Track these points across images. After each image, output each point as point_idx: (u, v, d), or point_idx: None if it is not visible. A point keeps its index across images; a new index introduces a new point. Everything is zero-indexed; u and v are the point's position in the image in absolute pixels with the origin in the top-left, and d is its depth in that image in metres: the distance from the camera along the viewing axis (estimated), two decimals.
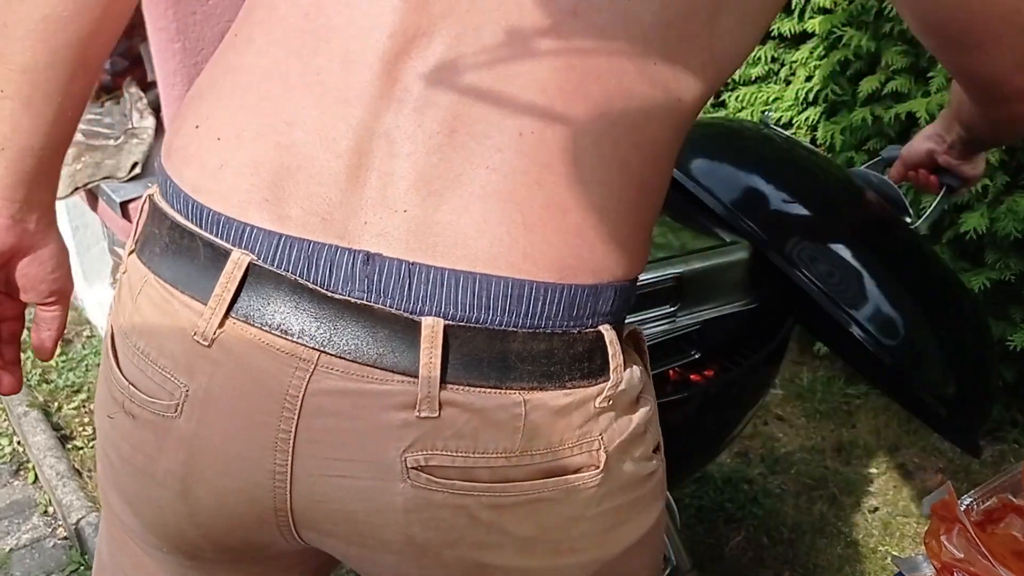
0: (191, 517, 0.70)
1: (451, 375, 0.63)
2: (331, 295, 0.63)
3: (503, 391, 0.64)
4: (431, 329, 0.62)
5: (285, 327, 0.64)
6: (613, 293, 0.67)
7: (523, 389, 0.64)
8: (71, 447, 2.15)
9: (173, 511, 0.71)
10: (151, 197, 0.72)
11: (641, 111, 0.67)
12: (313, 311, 0.64)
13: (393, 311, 0.63)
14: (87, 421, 2.24)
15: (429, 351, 0.62)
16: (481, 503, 0.65)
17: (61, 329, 0.81)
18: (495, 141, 0.64)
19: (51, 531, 1.95)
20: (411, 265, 0.63)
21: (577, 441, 0.66)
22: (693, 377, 1.19)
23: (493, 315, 0.63)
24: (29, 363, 2.36)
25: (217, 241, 0.65)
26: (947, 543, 0.72)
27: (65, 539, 1.94)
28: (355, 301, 0.63)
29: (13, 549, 1.90)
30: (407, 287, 0.63)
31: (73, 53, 0.70)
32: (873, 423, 2.20)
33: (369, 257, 0.63)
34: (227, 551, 0.73)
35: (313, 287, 0.64)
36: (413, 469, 0.64)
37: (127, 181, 1.87)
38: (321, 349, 0.63)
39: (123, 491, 0.74)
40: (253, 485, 0.67)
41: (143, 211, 0.73)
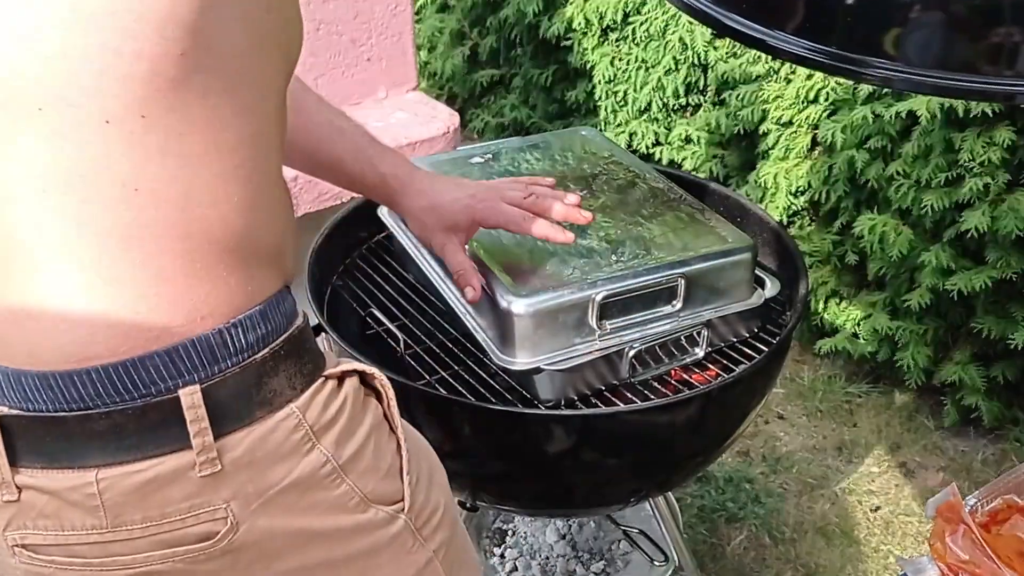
0: None
1: (23, 460, 0.66)
2: None
3: (75, 471, 0.65)
4: None
5: None
6: (192, 349, 0.65)
7: (96, 467, 0.65)
8: None
9: None
10: None
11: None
12: None
13: None
14: None
15: None
16: None
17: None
18: None
19: None
20: None
21: (188, 512, 0.66)
22: (695, 378, 1.19)
23: (38, 404, 0.65)
24: None
25: None
26: (952, 545, 0.72)
27: None
28: None
29: None
30: None
31: None
32: (874, 422, 2.20)
33: None
34: None
35: None
36: (15, 547, 0.68)
37: None
38: None
39: None
40: None
41: None
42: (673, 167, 2.39)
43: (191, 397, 0.65)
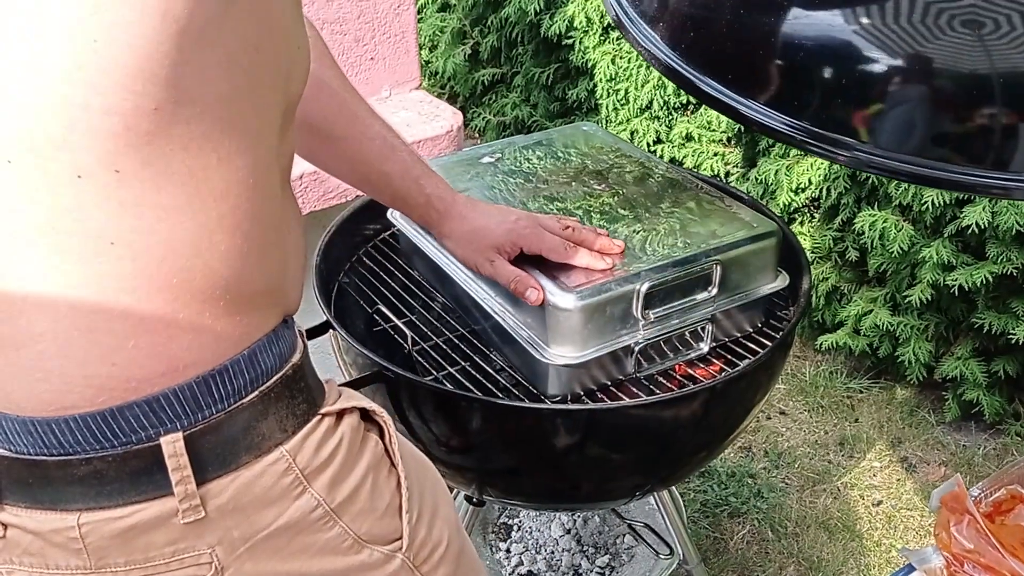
0: None
1: (8, 498, 0.66)
2: None
3: (58, 512, 0.65)
4: None
5: None
6: (173, 398, 0.64)
7: (78, 511, 0.65)
8: None
9: None
10: None
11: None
12: None
13: None
14: None
15: None
16: None
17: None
18: None
19: None
20: None
21: (172, 557, 0.66)
22: (700, 373, 1.20)
23: (19, 446, 0.65)
24: None
25: None
26: (957, 534, 0.73)
27: None
28: None
29: None
30: None
31: None
32: (876, 417, 2.21)
33: None
34: None
35: None
36: None
37: None
38: None
39: None
40: None
41: None
42: (675, 164, 2.40)
43: (173, 445, 0.64)
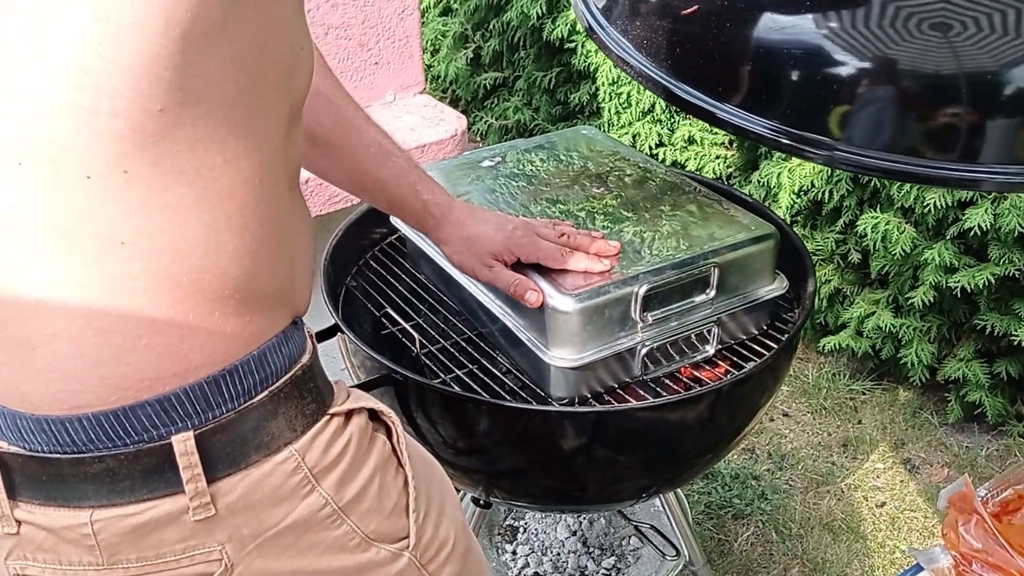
0: None
1: (22, 495, 0.67)
2: None
3: (71, 509, 0.66)
4: None
5: None
6: (184, 398, 0.65)
7: (91, 508, 0.66)
8: None
9: None
10: None
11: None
12: None
13: None
14: None
15: None
16: None
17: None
18: None
19: None
20: None
21: (183, 554, 0.67)
22: (706, 375, 1.21)
23: (34, 444, 0.66)
24: None
25: None
26: (965, 534, 0.73)
27: None
28: None
29: None
30: None
31: None
32: (879, 418, 2.21)
33: None
34: None
35: None
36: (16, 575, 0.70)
37: None
38: None
39: None
40: None
41: None
42: (677, 167, 2.41)
43: (184, 444, 0.65)
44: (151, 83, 0.58)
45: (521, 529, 1.68)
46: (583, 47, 2.67)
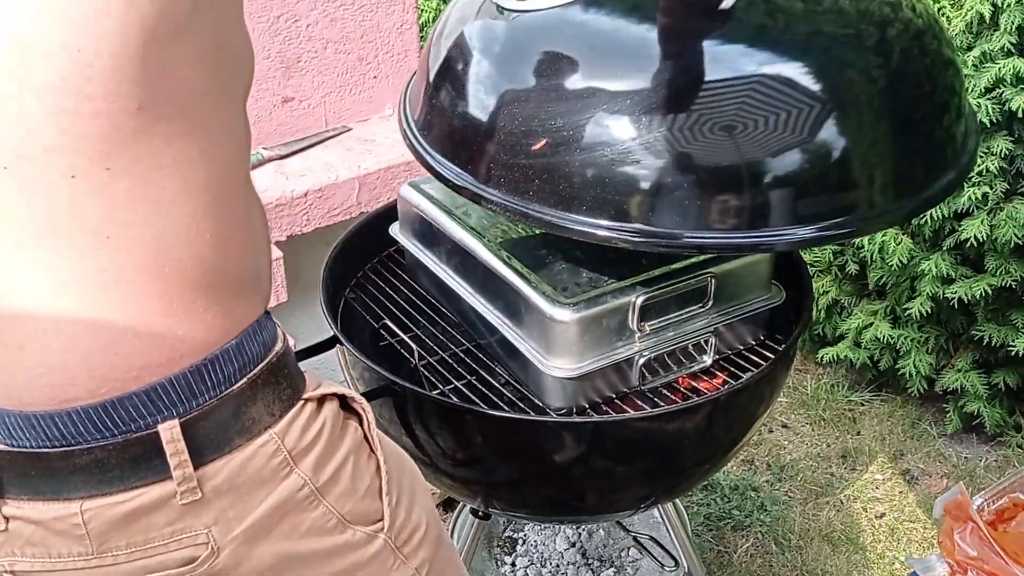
0: None
1: (9, 492, 0.68)
2: None
3: (60, 502, 0.67)
4: None
5: None
6: (169, 387, 0.67)
7: (80, 498, 0.67)
8: None
9: None
10: None
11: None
12: None
13: None
14: None
15: None
16: None
17: None
18: None
19: None
20: None
21: (171, 537, 0.69)
22: (703, 385, 1.21)
23: (21, 440, 0.67)
24: None
25: None
26: (960, 542, 0.74)
27: None
28: None
29: None
30: None
31: None
32: (877, 429, 2.22)
33: None
34: None
35: None
36: (5, 573, 0.70)
37: None
38: None
39: None
40: None
41: None
42: None
43: (170, 432, 0.67)
44: (129, 84, 0.61)
45: (520, 541, 1.68)
46: None
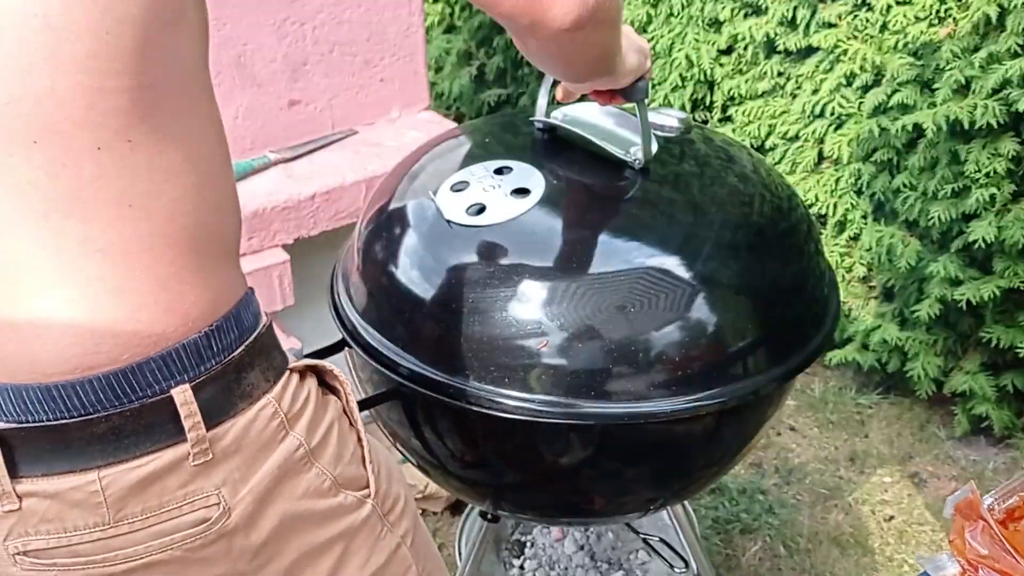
0: None
1: (23, 470, 0.70)
2: None
3: (77, 473, 0.69)
4: None
5: None
6: (182, 352, 0.71)
7: (97, 467, 0.69)
8: None
9: None
10: None
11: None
12: None
13: None
14: None
15: None
16: (91, 574, 0.71)
17: None
18: None
19: None
20: None
21: (184, 500, 0.71)
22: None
23: (39, 415, 0.69)
24: None
25: None
26: (972, 540, 0.74)
27: None
28: None
29: None
30: None
31: None
32: (886, 432, 2.21)
33: None
34: None
35: None
36: (17, 555, 0.71)
37: None
38: None
39: None
40: None
41: None
42: None
43: (183, 395, 0.70)
44: (145, 62, 0.66)
45: (528, 543, 1.68)
46: None
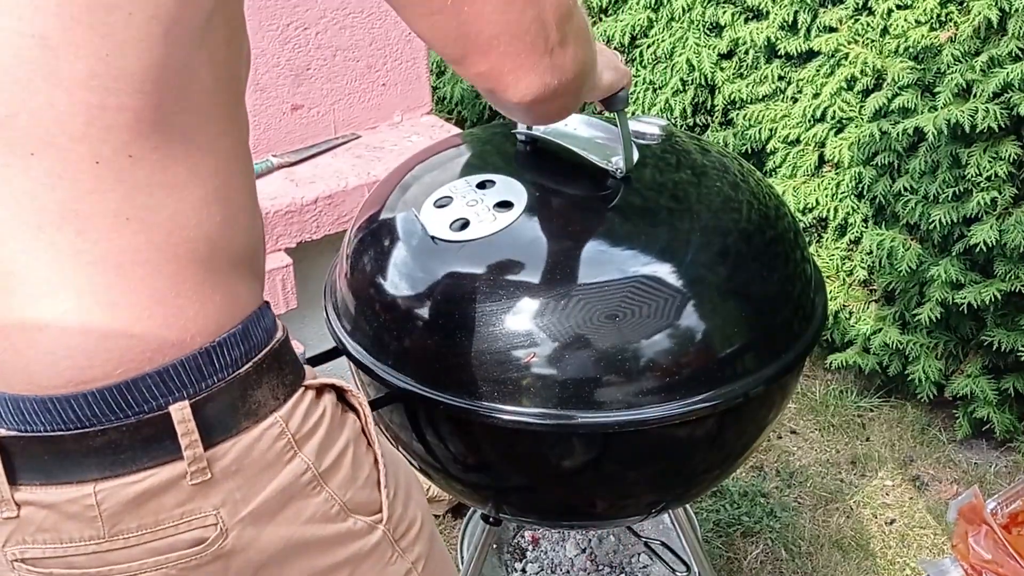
0: None
1: (22, 477, 0.69)
2: None
3: (73, 485, 0.68)
4: None
5: None
6: (181, 368, 0.69)
7: (93, 480, 0.68)
8: None
9: None
10: None
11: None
12: None
13: None
14: None
15: None
16: None
17: None
18: None
19: None
20: None
21: (181, 519, 0.70)
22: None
23: (36, 425, 0.68)
24: None
25: None
26: (975, 545, 0.74)
27: None
28: None
29: None
30: None
31: None
32: (887, 435, 2.21)
33: None
34: None
35: None
36: (15, 562, 0.71)
37: None
38: None
39: None
40: None
41: None
42: None
43: (181, 412, 0.69)
44: (151, 82, 0.65)
45: (530, 547, 1.68)
46: None
